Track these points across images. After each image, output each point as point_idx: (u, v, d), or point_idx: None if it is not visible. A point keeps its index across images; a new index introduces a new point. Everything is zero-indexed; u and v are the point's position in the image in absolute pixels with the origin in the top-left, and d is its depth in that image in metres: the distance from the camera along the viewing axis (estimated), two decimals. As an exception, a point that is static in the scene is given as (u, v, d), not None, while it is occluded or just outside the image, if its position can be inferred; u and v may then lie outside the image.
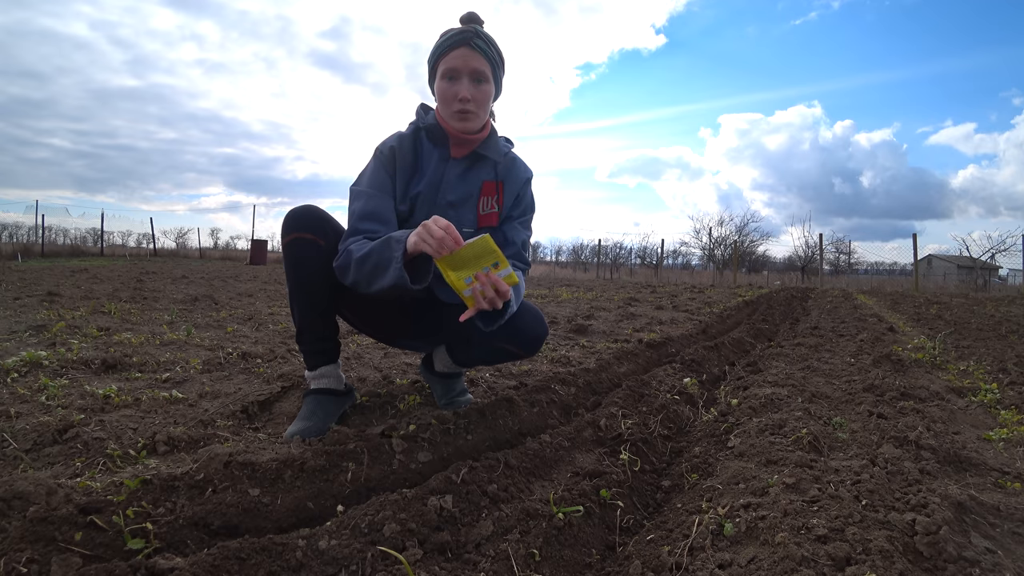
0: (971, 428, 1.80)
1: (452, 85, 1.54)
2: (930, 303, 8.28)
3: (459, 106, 1.53)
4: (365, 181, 1.60)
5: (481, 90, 1.56)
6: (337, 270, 1.50)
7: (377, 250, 1.39)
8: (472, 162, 1.66)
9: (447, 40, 1.54)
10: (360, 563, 0.91)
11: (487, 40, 1.56)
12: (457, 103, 1.53)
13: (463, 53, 1.53)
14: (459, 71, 1.53)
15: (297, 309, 1.62)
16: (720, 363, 2.93)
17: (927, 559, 0.91)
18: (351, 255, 1.45)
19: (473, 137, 1.60)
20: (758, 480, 1.20)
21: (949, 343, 3.66)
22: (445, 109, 1.57)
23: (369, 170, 1.62)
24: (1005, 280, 21.29)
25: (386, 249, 1.37)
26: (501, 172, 1.69)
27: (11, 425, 1.42)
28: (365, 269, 1.41)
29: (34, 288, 5.69)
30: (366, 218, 1.54)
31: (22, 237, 25.00)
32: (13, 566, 0.81)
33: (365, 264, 1.41)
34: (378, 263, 1.38)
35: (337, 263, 1.50)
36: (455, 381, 1.91)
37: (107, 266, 12.37)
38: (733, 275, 19.15)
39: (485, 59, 1.55)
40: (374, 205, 1.56)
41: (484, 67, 1.54)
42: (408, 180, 1.63)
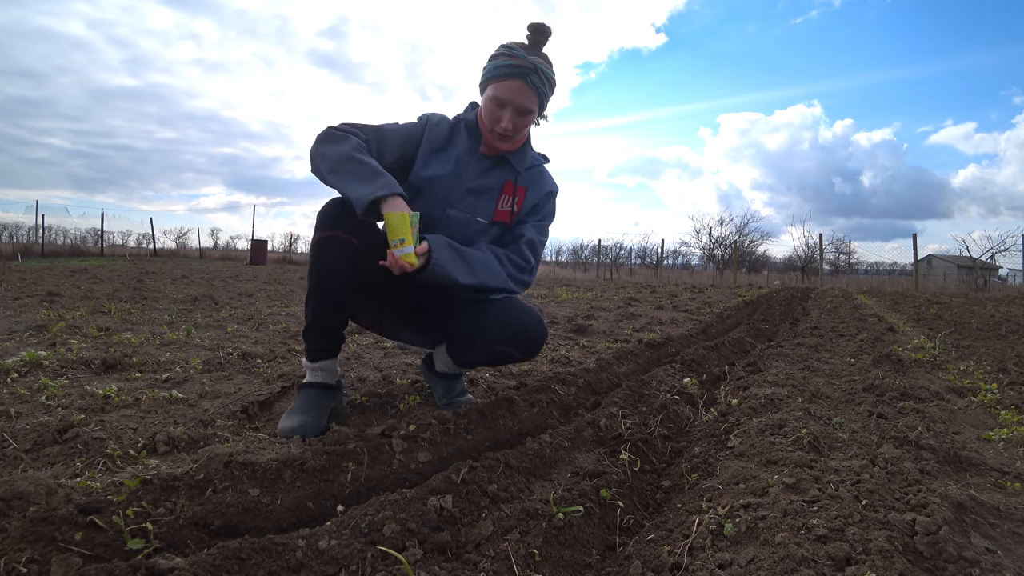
0: (971, 428, 1.80)
1: (497, 110, 1.60)
2: (930, 303, 8.28)
3: (500, 131, 1.61)
4: (401, 124, 1.71)
5: (523, 120, 1.63)
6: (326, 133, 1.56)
7: (371, 169, 1.48)
8: (497, 162, 1.74)
9: (505, 68, 1.57)
10: (360, 563, 0.91)
11: (543, 76, 1.59)
12: (499, 127, 1.61)
13: (516, 87, 1.57)
14: (507, 102, 1.59)
15: (314, 304, 1.62)
16: (720, 363, 2.93)
17: (927, 559, 0.91)
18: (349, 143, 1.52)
19: (505, 148, 1.69)
20: (758, 480, 1.20)
21: (949, 343, 3.66)
22: (488, 124, 1.64)
23: (408, 123, 1.73)
24: (1005, 280, 21.29)
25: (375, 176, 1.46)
26: (524, 179, 1.77)
27: (11, 425, 1.42)
28: (347, 166, 1.48)
29: (34, 288, 5.69)
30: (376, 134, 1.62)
31: (22, 237, 25.02)
32: (13, 566, 0.81)
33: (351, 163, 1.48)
34: (359, 175, 1.46)
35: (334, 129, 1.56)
36: (456, 381, 1.91)
37: (107, 266, 12.37)
38: (733, 275, 19.15)
39: (535, 94, 1.60)
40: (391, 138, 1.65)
41: (532, 103, 1.60)
42: (432, 152, 1.70)
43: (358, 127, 1.61)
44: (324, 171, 1.51)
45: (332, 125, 1.59)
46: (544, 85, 1.61)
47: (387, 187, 1.43)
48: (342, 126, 1.58)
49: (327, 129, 1.57)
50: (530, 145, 1.79)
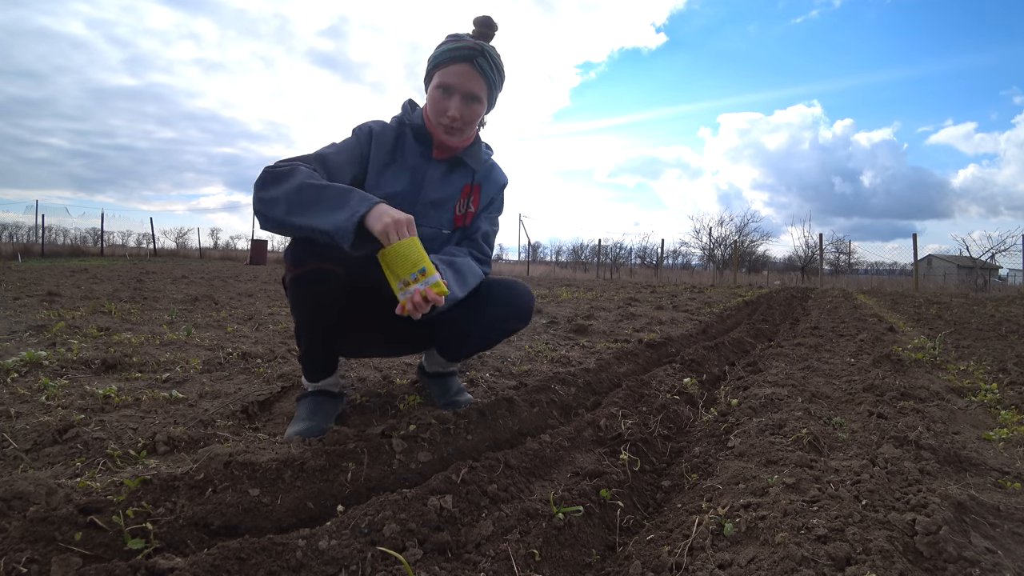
0: (971, 428, 1.80)
1: (444, 99, 1.51)
2: (930, 303, 8.28)
3: (447, 121, 1.52)
4: (339, 143, 1.56)
5: (472, 110, 1.54)
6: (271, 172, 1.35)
7: (335, 191, 1.28)
8: (453, 166, 1.66)
9: (451, 52, 1.50)
10: (360, 563, 0.91)
11: (491, 60, 1.52)
12: (446, 118, 1.52)
13: (463, 71, 1.50)
14: (454, 88, 1.51)
15: (306, 339, 1.57)
16: (720, 363, 2.93)
17: (927, 559, 0.91)
18: (298, 173, 1.32)
19: (457, 145, 1.60)
20: (758, 480, 1.20)
21: (949, 343, 3.66)
22: (434, 117, 1.55)
23: (345, 140, 1.58)
24: (1005, 280, 21.28)
25: (347, 198, 1.26)
26: (479, 177, 1.70)
27: (11, 425, 1.42)
28: (306, 196, 1.28)
29: (34, 288, 5.69)
30: (322, 161, 1.46)
31: (22, 237, 25.02)
32: (13, 566, 0.81)
33: (309, 192, 1.28)
34: (326, 202, 1.26)
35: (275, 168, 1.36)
36: (451, 379, 1.91)
37: (107, 266, 12.37)
38: (733, 275, 19.15)
39: (484, 80, 1.52)
40: (337, 160, 1.49)
41: (480, 89, 1.52)
42: (383, 167, 1.59)
43: (298, 159, 1.44)
44: (281, 216, 1.30)
45: (268, 166, 1.39)
46: (492, 71, 1.53)
47: (366, 200, 1.24)
48: (279, 163, 1.40)
49: (264, 171, 1.37)
50: (481, 142, 1.70)
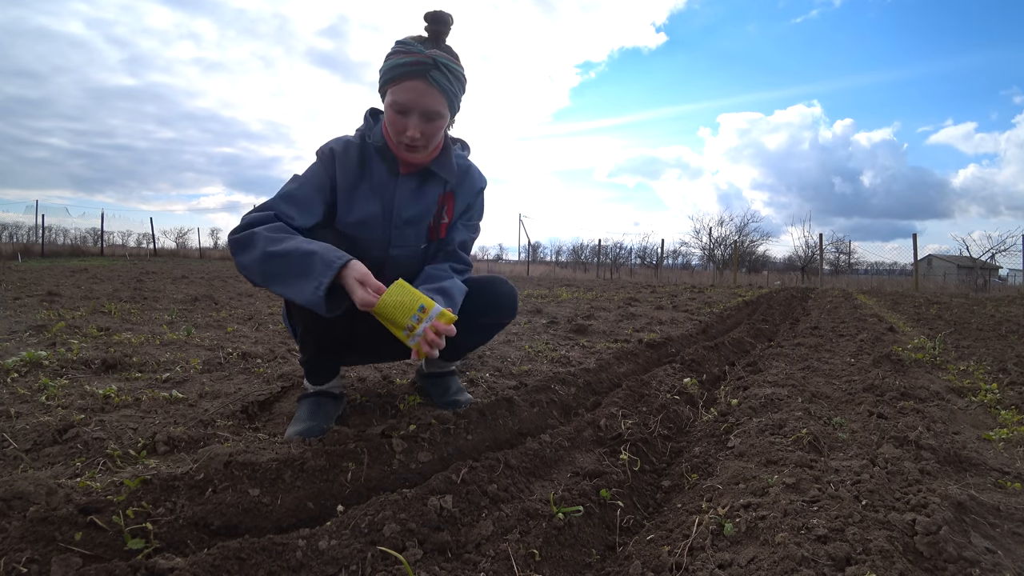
0: (971, 428, 1.80)
1: (400, 118, 1.41)
2: (930, 303, 8.28)
3: (407, 141, 1.43)
4: (303, 174, 1.52)
5: (432, 126, 1.44)
6: (233, 244, 1.34)
7: (297, 258, 1.26)
8: (423, 179, 1.58)
9: (400, 67, 1.38)
10: (360, 563, 0.91)
11: (446, 71, 1.40)
12: (405, 138, 1.43)
13: (416, 88, 1.38)
14: (410, 108, 1.40)
15: (312, 350, 1.56)
16: (720, 363, 2.93)
17: (927, 559, 0.91)
18: (257, 241, 1.30)
19: (422, 160, 1.52)
20: (758, 480, 1.20)
21: (949, 343, 3.66)
22: (393, 136, 1.47)
23: (309, 168, 1.53)
24: (1005, 280, 21.29)
25: (309, 265, 1.24)
26: (452, 186, 1.63)
27: (11, 425, 1.42)
28: (272, 267, 1.28)
29: (34, 288, 5.69)
30: (288, 200, 1.44)
31: (22, 237, 25.01)
32: (13, 566, 0.81)
33: (274, 262, 1.28)
34: (291, 271, 1.26)
35: (236, 237, 1.34)
36: (451, 379, 1.90)
37: (107, 266, 12.37)
38: (733, 275, 19.15)
39: (441, 94, 1.40)
40: (303, 193, 1.46)
41: (438, 104, 1.41)
42: (351, 189, 1.52)
43: (260, 209, 1.42)
44: (260, 282, 1.32)
45: (232, 230, 1.38)
46: (450, 82, 1.41)
47: (329, 267, 1.23)
48: (243, 221, 1.38)
49: (229, 239, 1.36)
50: (450, 148, 1.60)
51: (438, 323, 1.23)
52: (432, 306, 1.23)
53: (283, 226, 1.37)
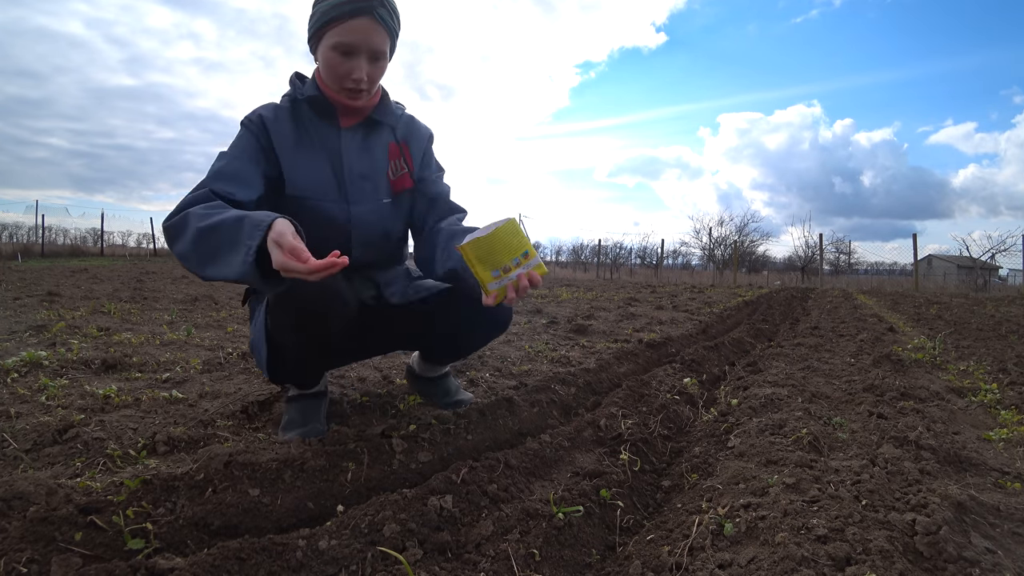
0: (971, 428, 1.80)
1: (346, 61, 1.33)
2: (930, 303, 8.28)
3: (352, 85, 1.35)
4: (230, 148, 1.39)
5: (379, 67, 1.38)
6: (167, 232, 1.22)
7: (227, 229, 1.11)
8: (368, 129, 1.50)
9: (346, 6, 1.29)
10: (360, 563, 0.91)
11: (389, 8, 1.34)
12: (351, 81, 1.35)
13: (364, 26, 1.30)
14: (357, 48, 1.32)
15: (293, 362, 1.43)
16: (720, 363, 2.93)
17: (927, 559, 0.91)
18: (189, 221, 1.17)
19: (364, 105, 1.44)
20: (758, 480, 1.20)
21: (949, 343, 3.66)
22: (334, 82, 1.37)
23: (237, 140, 1.40)
24: (1005, 280, 21.28)
25: (237, 230, 1.09)
26: (401, 134, 1.55)
27: (11, 425, 1.42)
28: (205, 246, 1.13)
29: (34, 288, 5.69)
30: (222, 177, 1.31)
31: (22, 237, 24.98)
32: (13, 566, 0.81)
33: (205, 240, 1.13)
34: (222, 244, 1.10)
35: (169, 223, 1.21)
36: (448, 380, 1.87)
37: (107, 266, 12.37)
38: (733, 275, 19.15)
39: (387, 32, 1.35)
40: (236, 167, 1.34)
41: (384, 43, 1.35)
42: (293, 153, 1.41)
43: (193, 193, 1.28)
44: (200, 271, 1.16)
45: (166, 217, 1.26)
46: (394, 20, 1.36)
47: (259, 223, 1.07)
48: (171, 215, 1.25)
49: (163, 227, 1.25)
50: (388, 96, 1.52)
51: (534, 273, 1.15)
52: (535, 255, 1.15)
53: (220, 203, 1.23)
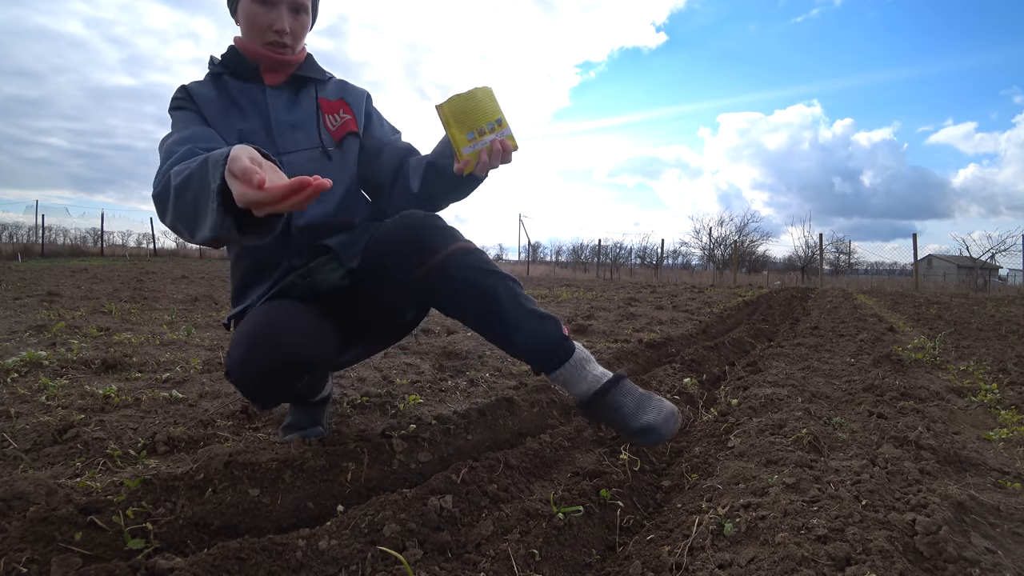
0: (971, 428, 1.80)
1: (266, 12, 1.30)
2: (930, 303, 8.28)
3: (274, 37, 1.32)
4: (174, 126, 1.30)
5: (300, 21, 1.35)
6: (155, 202, 1.13)
7: (196, 175, 0.97)
8: (296, 85, 1.43)
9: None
10: (360, 563, 0.91)
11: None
12: (272, 33, 1.31)
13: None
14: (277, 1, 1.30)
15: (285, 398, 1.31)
16: (720, 363, 2.93)
17: (927, 559, 0.91)
18: (170, 181, 1.05)
19: (290, 59, 1.37)
20: (758, 480, 1.20)
21: (949, 343, 3.66)
22: (255, 37, 1.33)
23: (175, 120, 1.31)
24: (1005, 280, 21.28)
25: (203, 172, 0.95)
26: (334, 91, 1.48)
27: (11, 425, 1.42)
28: (183, 204, 1.00)
29: (34, 288, 5.69)
30: (189, 140, 1.20)
31: (22, 237, 24.97)
32: (13, 566, 0.81)
33: (182, 196, 1.00)
34: (198, 196, 0.96)
35: (156, 191, 1.11)
36: (623, 390, 1.37)
37: (107, 266, 12.37)
38: (733, 275, 19.15)
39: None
40: (195, 130, 1.25)
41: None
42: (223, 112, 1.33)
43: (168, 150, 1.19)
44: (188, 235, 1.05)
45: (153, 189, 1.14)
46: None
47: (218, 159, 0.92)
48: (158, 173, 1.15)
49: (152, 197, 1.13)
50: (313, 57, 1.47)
51: (506, 141, 1.17)
52: (507, 125, 1.17)
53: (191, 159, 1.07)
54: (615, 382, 1.30)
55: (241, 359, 1.14)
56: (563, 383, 1.32)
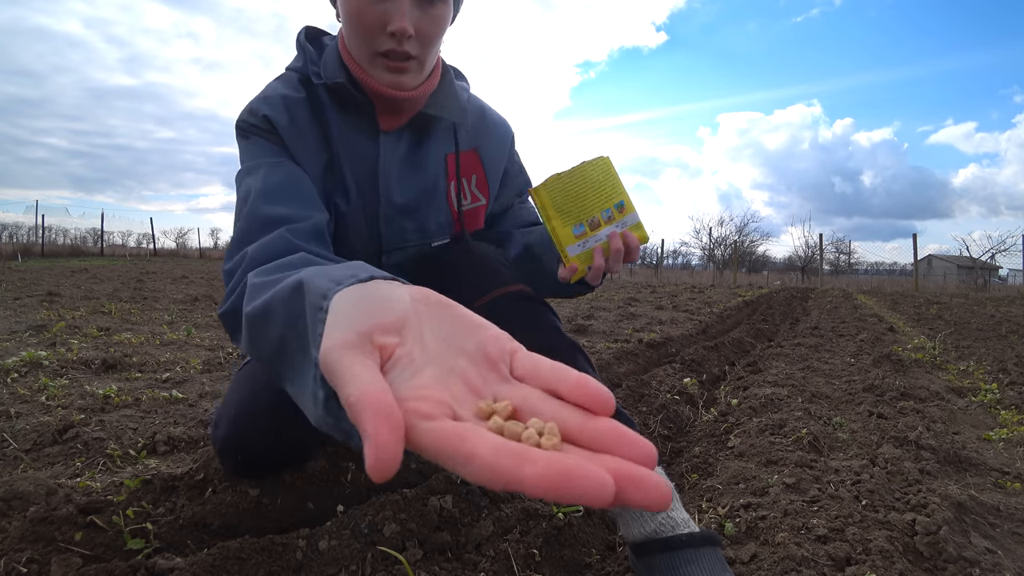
0: (971, 428, 1.80)
1: (379, 2, 0.83)
2: (930, 303, 8.28)
3: (390, 45, 0.85)
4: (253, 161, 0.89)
5: (432, 15, 0.86)
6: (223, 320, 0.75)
7: (281, 312, 0.54)
8: (420, 132, 1.00)
9: None
10: (360, 563, 0.91)
11: None
12: (387, 39, 0.85)
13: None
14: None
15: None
16: (720, 363, 2.93)
17: (927, 559, 0.91)
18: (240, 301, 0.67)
19: (414, 95, 0.92)
20: (758, 480, 1.20)
21: (949, 343, 3.66)
22: (362, 41, 0.87)
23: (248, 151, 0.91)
24: (1005, 280, 21.29)
25: (295, 317, 0.51)
26: (469, 135, 1.04)
27: (11, 425, 1.42)
28: (260, 342, 0.59)
29: (34, 288, 5.69)
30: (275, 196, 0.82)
31: (22, 237, 25.02)
32: (13, 566, 0.81)
33: (258, 332, 0.59)
34: (285, 344, 0.53)
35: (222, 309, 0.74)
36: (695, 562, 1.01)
37: (107, 266, 12.37)
38: (733, 275, 19.15)
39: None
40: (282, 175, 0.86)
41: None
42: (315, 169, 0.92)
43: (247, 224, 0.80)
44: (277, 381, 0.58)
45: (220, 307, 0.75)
46: None
47: (318, 301, 0.45)
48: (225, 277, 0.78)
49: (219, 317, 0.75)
50: (451, 75, 1.02)
51: (630, 234, 0.86)
52: (632, 208, 0.87)
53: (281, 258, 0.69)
54: (698, 543, 0.78)
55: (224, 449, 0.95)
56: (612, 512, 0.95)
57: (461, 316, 0.41)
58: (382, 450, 0.30)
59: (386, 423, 0.31)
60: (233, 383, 1.01)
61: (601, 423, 0.33)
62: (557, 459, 0.29)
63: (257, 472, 1.04)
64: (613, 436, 0.32)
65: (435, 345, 0.38)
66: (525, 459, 0.29)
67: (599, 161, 0.88)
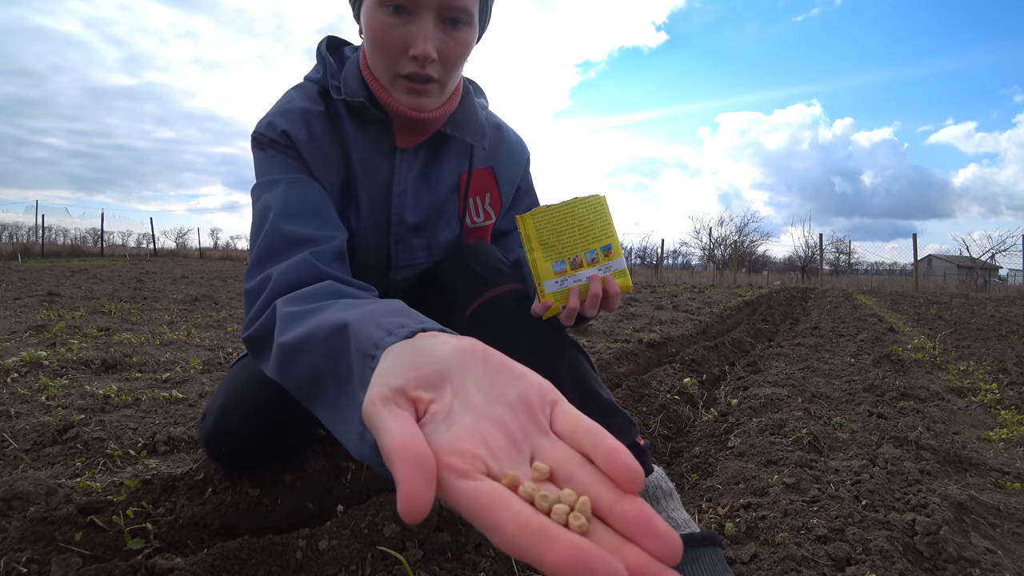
0: (971, 428, 1.80)
1: (399, 28, 0.81)
2: (930, 303, 8.28)
3: (412, 68, 0.83)
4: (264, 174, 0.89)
5: (456, 39, 0.84)
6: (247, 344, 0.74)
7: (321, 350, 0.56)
8: (434, 151, 0.99)
9: None
10: (360, 563, 0.91)
11: None
12: (409, 61, 0.83)
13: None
14: (417, 2, 0.80)
15: None
16: (720, 363, 2.93)
17: (927, 559, 0.91)
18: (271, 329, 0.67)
19: (434, 115, 0.90)
20: (758, 480, 1.20)
21: (949, 343, 3.66)
22: (384, 67, 0.85)
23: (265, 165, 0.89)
24: (1005, 280, 21.29)
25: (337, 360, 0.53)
26: (486, 154, 1.04)
27: (11, 425, 1.42)
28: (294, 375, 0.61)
29: (34, 288, 5.69)
30: (295, 214, 0.82)
31: (22, 237, 25.04)
32: (13, 566, 0.81)
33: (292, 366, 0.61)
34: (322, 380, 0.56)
35: (247, 333, 0.73)
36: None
37: (107, 266, 12.37)
38: (733, 275, 19.15)
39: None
40: (302, 192, 0.85)
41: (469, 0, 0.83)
42: (333, 184, 0.92)
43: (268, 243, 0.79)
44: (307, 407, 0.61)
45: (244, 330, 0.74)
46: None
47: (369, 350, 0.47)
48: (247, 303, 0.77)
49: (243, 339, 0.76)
50: (472, 95, 1.00)
51: (612, 280, 0.84)
52: (620, 253, 0.85)
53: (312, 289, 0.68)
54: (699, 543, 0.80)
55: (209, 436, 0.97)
56: None
57: (503, 365, 0.41)
58: (414, 497, 0.32)
59: (417, 471, 0.32)
60: (224, 379, 1.04)
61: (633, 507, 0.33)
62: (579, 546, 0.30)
63: (240, 464, 1.06)
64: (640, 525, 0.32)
65: (477, 395, 0.39)
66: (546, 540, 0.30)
67: (592, 199, 0.86)
